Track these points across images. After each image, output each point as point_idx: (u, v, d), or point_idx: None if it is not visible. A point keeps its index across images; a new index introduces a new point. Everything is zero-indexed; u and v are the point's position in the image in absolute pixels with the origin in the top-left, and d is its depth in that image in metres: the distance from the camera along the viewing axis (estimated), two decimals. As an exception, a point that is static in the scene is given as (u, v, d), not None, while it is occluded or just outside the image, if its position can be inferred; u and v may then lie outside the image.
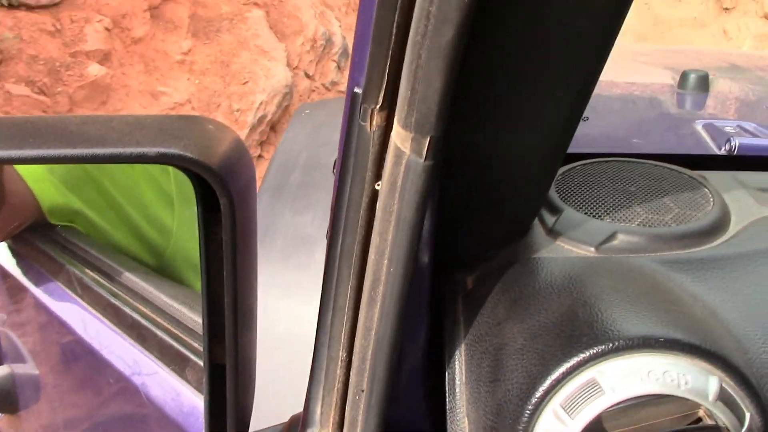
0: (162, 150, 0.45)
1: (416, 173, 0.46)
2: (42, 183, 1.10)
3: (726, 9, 8.44)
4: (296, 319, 1.26)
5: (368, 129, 0.49)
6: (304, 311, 1.18)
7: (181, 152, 0.46)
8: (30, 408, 1.22)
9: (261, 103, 4.66)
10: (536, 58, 0.51)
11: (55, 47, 3.91)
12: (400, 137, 0.46)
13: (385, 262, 0.50)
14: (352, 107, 0.50)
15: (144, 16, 4.45)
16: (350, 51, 6.42)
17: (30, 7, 3.90)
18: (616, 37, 0.50)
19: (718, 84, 1.84)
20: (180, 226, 1.17)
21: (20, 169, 1.08)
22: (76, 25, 4.04)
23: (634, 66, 2.12)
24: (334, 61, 5.84)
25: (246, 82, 4.71)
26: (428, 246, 0.58)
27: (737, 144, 1.28)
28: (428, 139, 0.44)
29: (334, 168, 0.64)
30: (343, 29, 6.19)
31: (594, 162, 0.78)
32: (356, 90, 0.49)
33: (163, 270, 1.18)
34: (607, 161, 0.78)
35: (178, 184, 1.17)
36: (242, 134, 4.48)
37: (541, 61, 0.51)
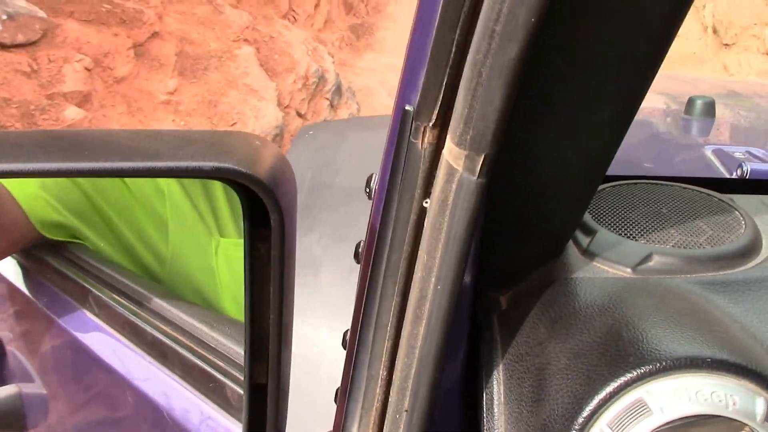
0: (217, 164, 0.45)
1: (469, 191, 0.46)
2: (34, 201, 1.07)
3: (726, 45, 8.50)
4: (303, 339, 1.25)
5: (419, 146, 0.49)
6: (310, 330, 1.17)
7: (236, 167, 0.46)
8: (38, 428, 1.20)
9: (249, 146, 4.45)
10: (583, 76, 0.51)
11: (31, 89, 3.71)
12: (452, 155, 0.46)
13: (433, 279, 0.50)
14: (402, 124, 0.50)
15: (128, 54, 4.26)
16: (343, 88, 6.16)
17: (5, 46, 3.70)
18: (665, 55, 0.50)
19: (723, 110, 1.86)
20: (175, 250, 1.15)
21: (10, 187, 1.06)
22: (54, 65, 3.83)
23: None
24: (327, 98, 5.67)
25: (234, 123, 4.52)
26: (473, 264, 0.58)
27: (749, 169, 1.29)
28: (483, 156, 0.44)
29: (366, 186, 0.64)
30: (336, 65, 6.01)
31: (623, 184, 0.78)
32: (407, 108, 0.49)
33: None
34: (636, 183, 0.79)
35: (173, 206, 1.15)
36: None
37: (587, 79, 0.51)
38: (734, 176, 1.35)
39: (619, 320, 0.56)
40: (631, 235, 0.68)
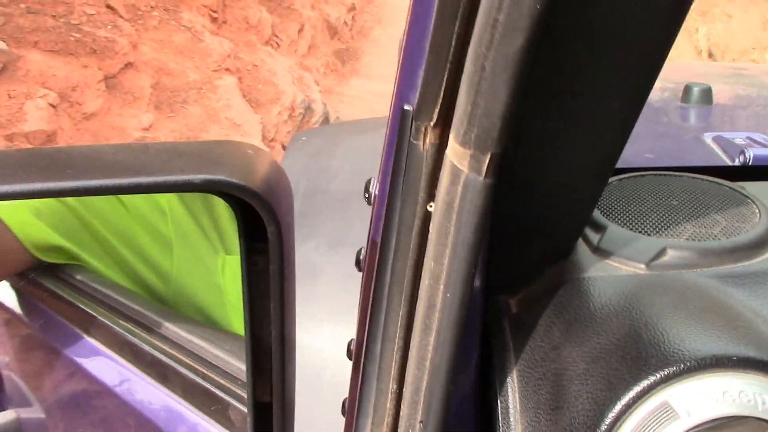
0: (208, 177, 0.43)
1: (475, 192, 0.43)
2: (28, 227, 1.06)
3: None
4: (305, 349, 1.23)
5: (421, 147, 0.47)
6: (311, 340, 1.15)
7: (228, 178, 0.43)
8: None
9: (232, 186, 4.02)
10: (591, 66, 0.49)
11: (-13, 129, 3.30)
12: (457, 155, 0.43)
13: (441, 287, 0.48)
14: (402, 125, 0.47)
15: (98, 87, 3.85)
16: (331, 119, 5.73)
17: (-42, 83, 3.31)
18: (673, 41, 0.48)
19: (720, 96, 1.84)
20: (180, 270, 1.13)
21: (2, 215, 1.05)
22: (14, 101, 3.42)
23: None
24: (315, 130, 5.37)
25: (215, 162, 4.13)
26: (482, 269, 0.56)
27: (752, 155, 1.27)
28: (489, 155, 0.42)
29: (366, 191, 0.62)
30: (322, 92, 5.67)
31: (630, 176, 0.76)
32: (406, 107, 0.47)
33: None
34: (643, 175, 0.76)
35: (176, 225, 1.13)
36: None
37: (596, 68, 0.49)
38: (736, 163, 1.33)
39: (638, 320, 0.54)
40: (642, 229, 0.66)
